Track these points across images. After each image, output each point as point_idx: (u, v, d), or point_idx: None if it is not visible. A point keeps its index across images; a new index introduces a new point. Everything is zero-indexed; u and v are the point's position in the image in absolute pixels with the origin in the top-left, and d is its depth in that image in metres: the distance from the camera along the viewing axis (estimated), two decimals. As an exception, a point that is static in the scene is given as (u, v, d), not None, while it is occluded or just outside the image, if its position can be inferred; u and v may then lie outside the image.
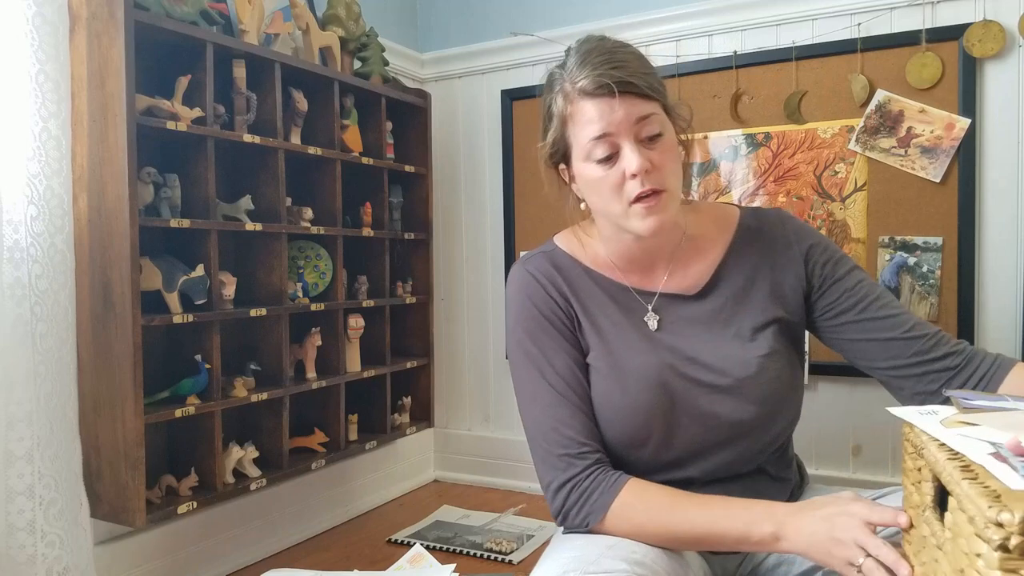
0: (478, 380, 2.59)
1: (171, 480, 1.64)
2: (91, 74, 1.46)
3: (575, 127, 0.98)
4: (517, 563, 1.87)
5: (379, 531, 2.13)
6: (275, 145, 1.80)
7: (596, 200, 1.01)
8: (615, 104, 0.93)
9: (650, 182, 0.94)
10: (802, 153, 2.04)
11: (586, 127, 0.95)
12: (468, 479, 2.59)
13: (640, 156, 0.93)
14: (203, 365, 1.63)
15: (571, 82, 0.97)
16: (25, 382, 1.33)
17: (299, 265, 1.99)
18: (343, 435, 2.03)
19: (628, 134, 0.94)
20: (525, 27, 2.42)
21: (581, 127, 0.96)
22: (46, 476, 1.36)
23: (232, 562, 1.88)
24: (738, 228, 1.10)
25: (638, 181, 0.94)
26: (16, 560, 1.33)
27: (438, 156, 2.53)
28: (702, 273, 1.07)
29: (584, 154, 0.98)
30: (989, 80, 1.84)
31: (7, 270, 1.32)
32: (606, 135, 0.94)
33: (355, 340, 2.07)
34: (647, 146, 0.95)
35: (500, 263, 2.52)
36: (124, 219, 1.45)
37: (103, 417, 1.49)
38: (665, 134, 0.96)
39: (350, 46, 2.12)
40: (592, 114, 0.94)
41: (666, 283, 1.07)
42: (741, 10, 2.09)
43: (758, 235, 1.09)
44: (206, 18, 1.70)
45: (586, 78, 0.94)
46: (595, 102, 0.94)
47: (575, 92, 0.96)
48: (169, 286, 1.57)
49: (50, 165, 1.39)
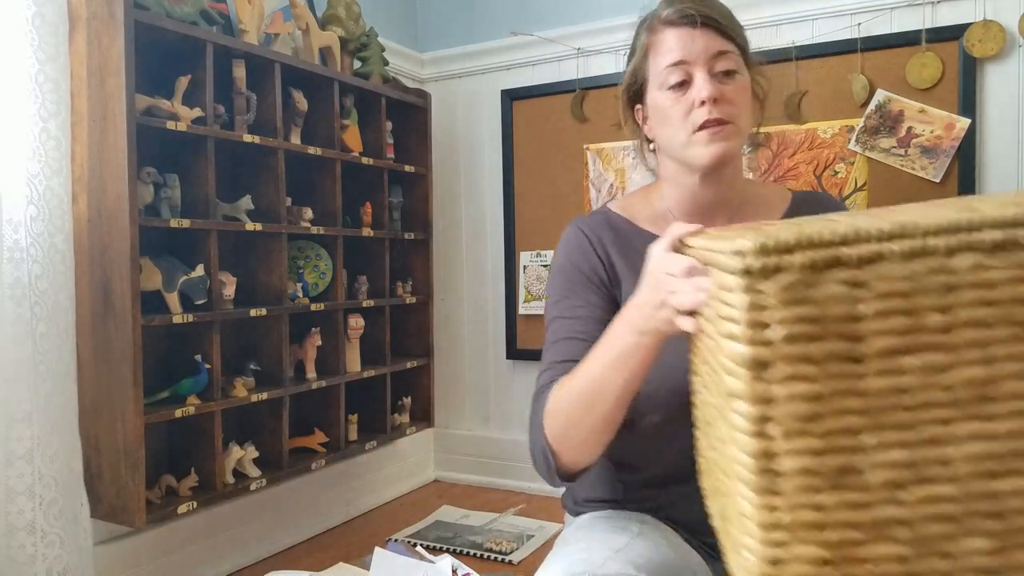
0: (478, 380, 2.59)
1: (171, 480, 1.64)
2: (91, 74, 1.46)
3: (655, 56, 1.01)
4: (517, 563, 1.87)
5: (379, 531, 2.13)
6: (275, 145, 1.80)
7: (663, 132, 1.02)
8: (695, 34, 0.96)
9: (718, 111, 0.96)
10: (802, 153, 2.04)
11: (665, 55, 0.99)
12: (468, 479, 2.59)
13: (712, 85, 0.96)
14: (203, 365, 1.63)
15: (657, 16, 1.01)
16: (25, 382, 1.33)
17: (299, 265, 1.99)
18: (343, 435, 2.03)
19: (703, 65, 0.96)
20: (525, 27, 2.42)
21: (660, 55, 0.99)
22: (46, 476, 1.36)
23: (232, 562, 1.88)
24: (794, 198, 1.13)
25: (706, 109, 0.96)
26: (16, 560, 1.33)
27: (438, 156, 2.53)
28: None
29: (659, 82, 1.00)
30: (989, 80, 1.84)
31: (7, 270, 1.32)
32: (682, 62, 0.97)
33: (355, 340, 2.07)
34: (720, 80, 0.97)
35: (500, 263, 2.52)
36: (124, 219, 1.45)
37: (103, 417, 1.49)
38: (740, 74, 0.99)
39: (350, 46, 2.13)
40: (672, 42, 0.98)
41: None
42: (741, 10, 2.06)
43: (816, 205, 1.11)
44: (206, 18, 1.70)
45: (671, 8, 0.99)
46: (676, 31, 0.98)
47: (658, 23, 1.00)
48: (169, 286, 1.57)
49: (50, 165, 1.39)
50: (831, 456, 0.47)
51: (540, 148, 2.42)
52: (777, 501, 0.48)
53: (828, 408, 0.47)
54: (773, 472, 0.48)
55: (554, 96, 2.38)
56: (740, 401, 0.49)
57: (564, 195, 2.37)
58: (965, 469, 0.47)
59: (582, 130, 2.33)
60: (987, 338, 0.46)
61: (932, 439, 0.47)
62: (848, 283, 0.47)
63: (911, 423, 0.47)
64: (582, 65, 2.33)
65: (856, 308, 0.47)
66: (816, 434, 0.47)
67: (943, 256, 0.46)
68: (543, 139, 2.41)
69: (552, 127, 2.39)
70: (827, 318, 0.47)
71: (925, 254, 0.46)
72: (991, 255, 0.46)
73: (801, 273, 0.47)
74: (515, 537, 2.04)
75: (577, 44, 2.33)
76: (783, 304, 0.47)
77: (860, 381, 0.47)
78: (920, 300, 0.46)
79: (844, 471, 0.47)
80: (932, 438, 0.47)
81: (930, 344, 0.47)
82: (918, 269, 0.46)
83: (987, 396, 0.47)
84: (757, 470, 0.48)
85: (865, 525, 0.48)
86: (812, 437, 0.47)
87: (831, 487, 0.48)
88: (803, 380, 0.47)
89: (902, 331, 0.47)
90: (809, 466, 0.48)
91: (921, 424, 0.47)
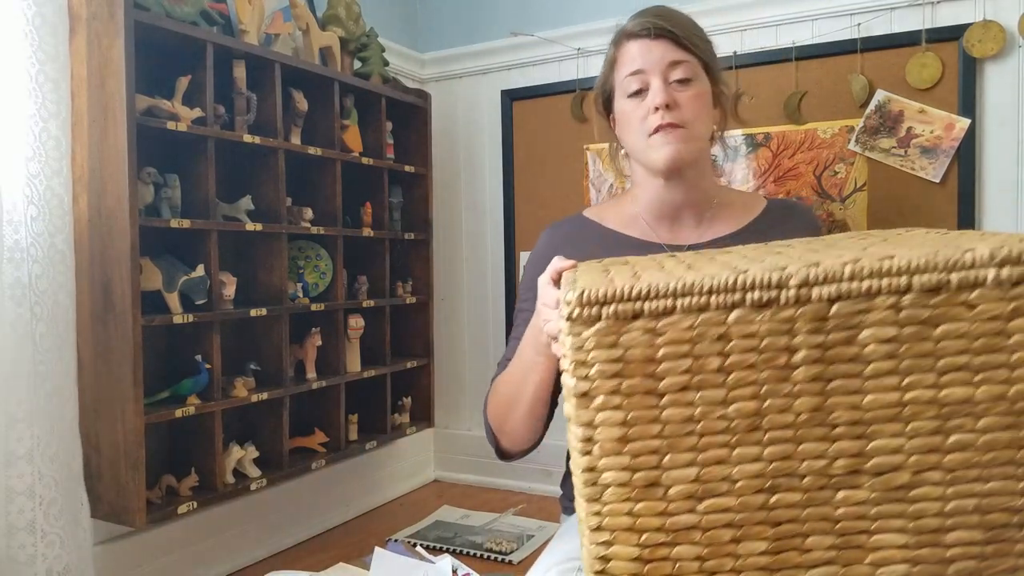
0: (478, 380, 2.58)
1: (171, 480, 1.64)
2: (91, 74, 1.46)
3: (619, 68, 1.09)
4: (517, 563, 1.87)
5: (379, 531, 2.13)
6: (275, 145, 1.80)
7: (627, 138, 1.10)
8: (652, 45, 1.04)
9: (670, 116, 1.02)
10: (802, 153, 2.04)
11: (626, 65, 1.07)
12: (468, 479, 2.59)
13: (664, 92, 1.02)
14: (203, 365, 1.63)
15: (622, 31, 1.10)
16: (25, 382, 1.33)
17: (299, 265, 1.99)
18: (343, 435, 2.03)
19: (659, 73, 1.04)
20: (525, 27, 2.42)
21: (623, 65, 1.08)
22: (46, 476, 1.36)
23: (232, 562, 1.89)
24: (768, 204, 1.17)
25: (659, 114, 1.02)
26: (16, 560, 1.33)
27: (438, 156, 2.53)
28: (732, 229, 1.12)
29: (622, 90, 1.08)
30: (989, 80, 1.84)
31: (7, 270, 1.33)
32: (639, 71, 1.05)
33: (355, 340, 2.07)
34: (675, 88, 1.04)
35: (500, 263, 2.52)
36: (124, 219, 1.45)
37: (103, 417, 1.49)
38: (696, 82, 1.05)
39: (350, 46, 2.13)
40: (632, 53, 1.07)
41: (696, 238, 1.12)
42: (741, 10, 2.09)
43: (789, 212, 1.16)
44: (206, 18, 1.70)
45: (634, 22, 1.08)
46: (636, 43, 1.06)
47: (623, 36, 1.09)
48: (169, 286, 1.57)
49: (50, 165, 1.39)
50: (640, 472, 0.58)
51: (540, 148, 2.42)
52: (600, 508, 0.58)
53: (636, 432, 0.57)
54: (597, 484, 0.58)
55: (554, 96, 2.38)
56: (573, 423, 0.59)
57: (564, 195, 2.37)
58: (744, 484, 0.57)
59: (582, 130, 2.33)
60: (755, 379, 0.56)
61: (717, 459, 0.57)
62: (648, 331, 0.57)
63: (700, 446, 0.57)
64: (582, 65, 2.33)
65: (655, 352, 0.57)
66: (628, 453, 0.58)
67: (720, 311, 0.56)
68: (543, 139, 2.41)
69: (552, 127, 2.39)
70: (633, 359, 0.57)
71: (706, 309, 0.56)
72: (756, 311, 0.56)
73: (613, 322, 0.57)
74: (515, 537, 2.04)
75: (577, 44, 2.33)
76: (598, 347, 0.57)
77: (659, 411, 0.57)
78: (702, 347, 0.56)
79: (650, 484, 0.58)
80: (717, 458, 0.57)
81: (711, 382, 0.57)
82: (700, 321, 0.56)
83: (758, 426, 0.57)
84: (586, 482, 0.58)
85: (669, 529, 0.58)
86: (624, 455, 0.58)
87: (641, 497, 0.58)
88: (616, 409, 0.57)
89: (689, 371, 0.57)
90: (623, 479, 0.58)
91: (708, 447, 0.57)
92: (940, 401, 0.56)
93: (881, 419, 0.56)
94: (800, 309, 0.55)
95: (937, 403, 0.56)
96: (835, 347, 0.56)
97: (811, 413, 0.56)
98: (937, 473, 0.56)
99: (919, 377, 0.56)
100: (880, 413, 0.56)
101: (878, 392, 0.56)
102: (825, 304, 0.55)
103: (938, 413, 0.56)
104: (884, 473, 0.57)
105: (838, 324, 0.55)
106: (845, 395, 0.56)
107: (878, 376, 0.56)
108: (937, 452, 0.56)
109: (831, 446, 0.57)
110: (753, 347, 0.56)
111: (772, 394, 0.56)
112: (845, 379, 0.56)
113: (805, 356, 0.56)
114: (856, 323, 0.55)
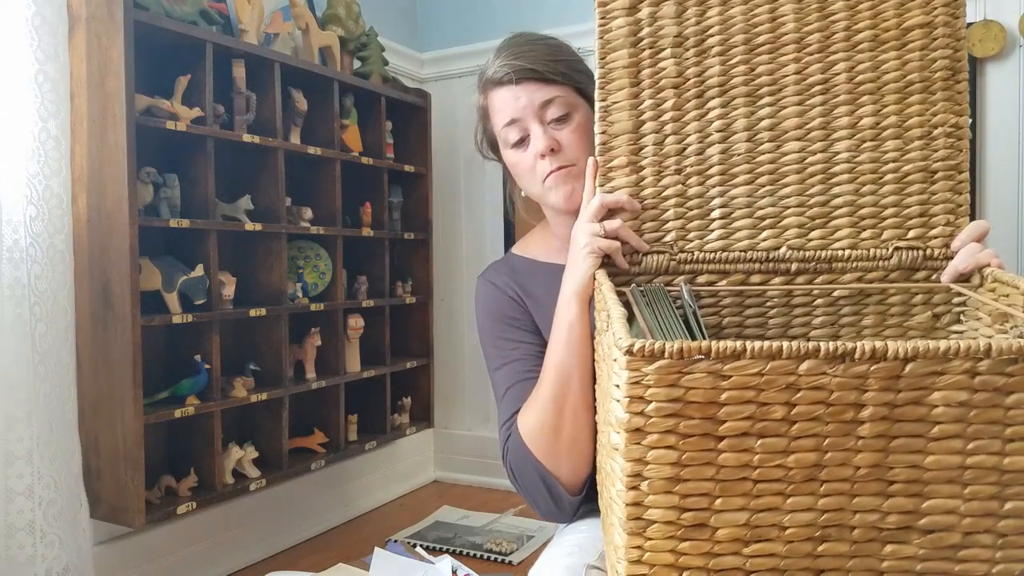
0: (478, 380, 2.58)
1: (171, 480, 1.64)
2: (91, 74, 1.46)
3: (492, 117, 1.04)
4: (517, 564, 1.87)
5: (379, 531, 2.13)
6: (275, 145, 1.80)
7: (523, 185, 1.06)
8: (517, 91, 0.99)
9: (557, 161, 0.98)
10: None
11: (498, 115, 1.02)
12: (468, 479, 2.59)
13: (545, 137, 0.98)
14: (203, 365, 1.63)
15: (485, 76, 1.03)
16: (25, 382, 1.33)
17: (299, 265, 1.99)
18: (343, 435, 2.03)
19: (534, 118, 0.98)
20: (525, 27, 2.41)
21: (496, 114, 1.02)
22: (46, 476, 1.36)
23: (232, 562, 1.88)
24: None
25: (547, 161, 0.98)
26: (16, 560, 1.33)
27: (438, 156, 2.53)
28: None
29: (503, 141, 1.03)
30: (989, 80, 1.84)
31: (7, 270, 1.32)
32: (514, 121, 0.99)
33: (355, 340, 2.07)
34: (554, 128, 0.99)
35: (500, 263, 2.52)
36: (124, 219, 1.44)
37: (103, 417, 1.49)
38: (574, 114, 1.00)
39: (350, 46, 2.12)
40: (500, 102, 1.01)
41: None
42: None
43: None
44: (206, 18, 1.69)
45: (492, 70, 1.01)
46: (501, 91, 1.00)
47: (487, 84, 1.03)
48: (169, 286, 1.57)
49: (50, 165, 1.39)
50: (689, 512, 0.57)
51: (540, 148, 2.42)
52: (643, 542, 0.58)
53: (689, 473, 0.57)
54: (641, 519, 0.58)
55: (554, 96, 2.38)
56: (620, 456, 0.57)
57: (564, 195, 2.37)
58: (793, 532, 0.57)
59: (582, 130, 2.32)
60: (819, 431, 0.56)
61: (770, 506, 0.57)
62: (713, 373, 0.55)
63: (755, 492, 0.57)
64: (582, 65, 2.33)
65: (718, 395, 0.55)
66: (678, 493, 0.57)
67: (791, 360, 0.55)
68: (543, 139, 2.41)
69: (552, 127, 2.39)
70: (693, 400, 0.56)
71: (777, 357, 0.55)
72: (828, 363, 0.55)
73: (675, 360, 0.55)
74: (515, 538, 2.03)
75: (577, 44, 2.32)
76: (658, 385, 0.55)
77: (716, 454, 0.56)
78: (769, 395, 0.55)
79: (698, 524, 0.57)
80: (770, 505, 0.57)
81: (774, 430, 0.56)
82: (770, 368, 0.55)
83: (815, 477, 0.57)
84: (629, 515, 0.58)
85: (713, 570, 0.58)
86: (674, 495, 0.57)
87: (687, 537, 0.58)
88: (671, 448, 0.56)
89: (751, 418, 0.56)
90: (671, 517, 0.57)
91: (763, 494, 0.57)
92: (1003, 468, 0.56)
93: (940, 480, 0.56)
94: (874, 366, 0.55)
95: (999, 470, 0.56)
96: (904, 406, 0.55)
97: (870, 468, 0.56)
98: (989, 536, 0.57)
99: (985, 443, 0.56)
100: (940, 474, 0.56)
101: (941, 454, 0.56)
102: (899, 363, 0.55)
103: (999, 480, 0.56)
104: (936, 532, 0.57)
105: (910, 384, 0.55)
106: (907, 453, 0.56)
107: (943, 438, 0.56)
108: (992, 516, 0.56)
109: (886, 501, 0.57)
110: (821, 400, 0.55)
111: (834, 447, 0.56)
112: (909, 438, 0.56)
113: (872, 413, 0.55)
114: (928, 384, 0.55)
